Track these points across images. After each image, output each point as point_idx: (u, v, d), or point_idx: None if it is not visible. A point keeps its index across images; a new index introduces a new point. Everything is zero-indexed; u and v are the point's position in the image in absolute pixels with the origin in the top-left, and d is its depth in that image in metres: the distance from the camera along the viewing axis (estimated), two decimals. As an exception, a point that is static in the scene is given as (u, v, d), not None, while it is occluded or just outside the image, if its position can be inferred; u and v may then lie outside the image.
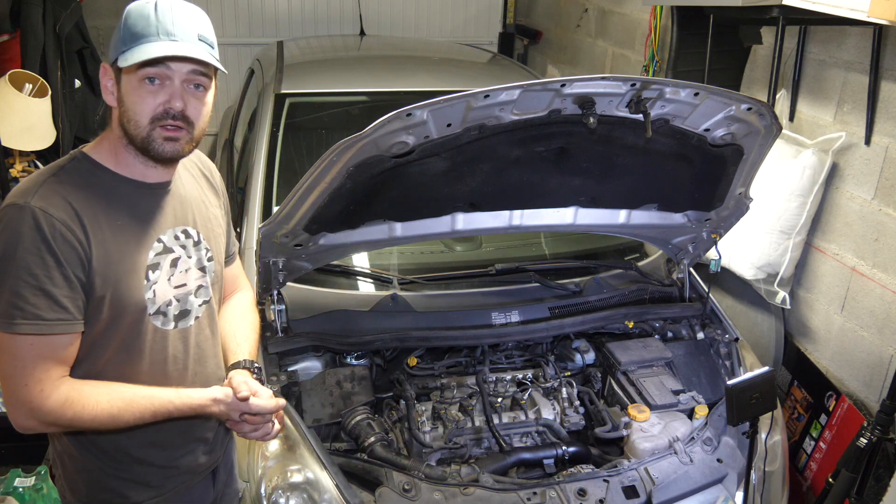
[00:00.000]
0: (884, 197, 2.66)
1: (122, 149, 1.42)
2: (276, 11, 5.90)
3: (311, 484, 1.78)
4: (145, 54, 1.32)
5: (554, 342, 2.46)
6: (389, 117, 1.65)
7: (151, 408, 1.40)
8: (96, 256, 1.35)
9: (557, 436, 2.13)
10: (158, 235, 1.47)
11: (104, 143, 1.44)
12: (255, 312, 1.81)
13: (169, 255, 1.48)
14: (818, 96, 2.97)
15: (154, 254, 1.45)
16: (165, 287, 1.47)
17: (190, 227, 1.54)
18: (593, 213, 2.34)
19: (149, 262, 1.44)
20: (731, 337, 2.42)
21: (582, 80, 1.70)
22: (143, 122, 1.37)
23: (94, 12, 5.16)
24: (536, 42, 6.24)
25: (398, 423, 2.13)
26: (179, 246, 1.51)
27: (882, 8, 2.11)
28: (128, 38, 1.35)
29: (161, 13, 1.36)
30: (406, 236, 2.18)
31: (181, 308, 1.51)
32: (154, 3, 1.37)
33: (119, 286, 1.39)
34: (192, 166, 1.63)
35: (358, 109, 3.16)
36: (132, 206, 1.44)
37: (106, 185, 1.41)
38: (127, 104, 1.37)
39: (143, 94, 1.36)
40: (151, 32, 1.34)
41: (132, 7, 1.39)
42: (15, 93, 3.59)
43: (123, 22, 1.37)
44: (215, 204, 1.67)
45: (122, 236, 1.41)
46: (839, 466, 2.31)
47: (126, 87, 1.37)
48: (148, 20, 1.35)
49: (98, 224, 1.37)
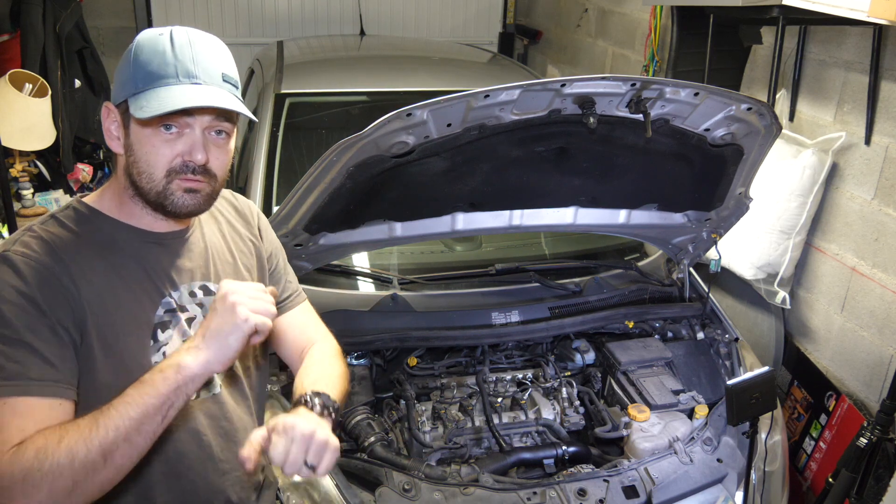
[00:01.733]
0: (884, 197, 2.66)
1: (129, 200, 1.24)
2: (276, 11, 5.91)
3: (311, 483, 1.78)
4: (166, 104, 1.13)
5: (554, 342, 2.46)
6: (389, 117, 1.65)
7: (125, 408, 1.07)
8: (90, 309, 1.16)
9: (557, 436, 2.13)
10: (169, 291, 1.27)
11: (107, 192, 1.28)
12: (342, 361, 1.47)
13: (183, 314, 1.28)
14: (818, 96, 2.97)
15: (163, 311, 1.25)
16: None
17: (212, 282, 1.32)
18: (593, 213, 2.34)
19: (157, 320, 1.24)
20: (731, 337, 2.42)
21: (582, 80, 1.70)
22: (157, 175, 1.19)
23: (94, 12, 5.17)
24: (536, 42, 6.24)
25: (398, 423, 2.13)
26: (196, 304, 1.29)
27: (882, 8, 2.11)
28: (140, 78, 1.16)
29: (179, 49, 1.17)
30: (406, 236, 2.18)
31: None
32: (169, 35, 1.18)
33: (119, 346, 1.18)
34: (222, 210, 1.43)
35: (358, 109, 3.16)
36: (138, 258, 1.25)
37: (105, 233, 1.24)
38: (138, 154, 1.19)
39: (157, 143, 1.18)
40: (169, 73, 1.16)
41: (143, 40, 1.19)
42: (15, 93, 3.59)
43: (133, 56, 1.18)
44: (250, 251, 1.44)
45: (124, 289, 1.21)
46: (839, 466, 2.31)
47: (137, 134, 1.18)
48: (164, 57, 1.16)
49: (93, 273, 1.18)
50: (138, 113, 1.14)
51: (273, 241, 1.54)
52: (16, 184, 3.65)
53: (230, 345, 1.12)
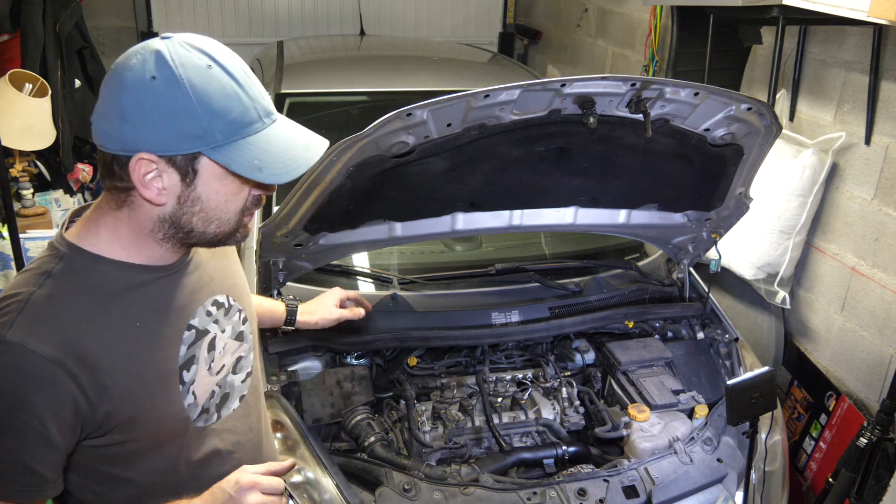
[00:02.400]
0: (884, 197, 2.66)
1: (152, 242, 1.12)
2: (276, 11, 5.91)
3: (311, 484, 1.78)
4: (294, 166, 1.06)
5: (554, 342, 2.46)
6: (389, 117, 1.65)
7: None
8: (112, 381, 1.07)
9: (557, 436, 2.13)
10: (189, 321, 1.19)
11: (101, 228, 1.11)
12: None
13: (204, 339, 1.22)
14: (818, 96, 2.97)
15: (186, 347, 1.18)
16: (206, 381, 1.22)
17: (219, 294, 1.27)
18: (593, 212, 2.34)
19: (181, 360, 1.17)
20: (731, 337, 2.42)
21: (582, 80, 1.70)
22: (233, 219, 1.12)
23: (94, 12, 5.17)
24: (536, 42, 6.24)
25: (398, 422, 2.13)
26: (213, 322, 1.25)
27: (882, 8, 2.11)
28: (220, 128, 1.01)
29: (245, 84, 1.04)
30: (406, 236, 2.18)
31: (222, 394, 1.27)
32: (220, 68, 1.02)
33: (149, 405, 1.13)
34: None
35: (358, 109, 3.16)
36: (151, 299, 1.15)
37: (112, 282, 1.11)
38: (210, 204, 1.08)
39: (234, 189, 1.08)
40: (253, 118, 1.04)
41: (194, 78, 1.00)
42: (15, 93, 3.59)
43: (197, 101, 0.99)
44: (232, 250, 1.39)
45: (144, 341, 1.13)
46: (839, 466, 2.31)
47: (211, 185, 1.06)
48: (241, 100, 1.03)
49: (108, 338, 1.08)
50: (257, 176, 1.04)
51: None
52: (16, 184, 3.65)
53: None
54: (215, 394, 1.25)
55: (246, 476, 1.14)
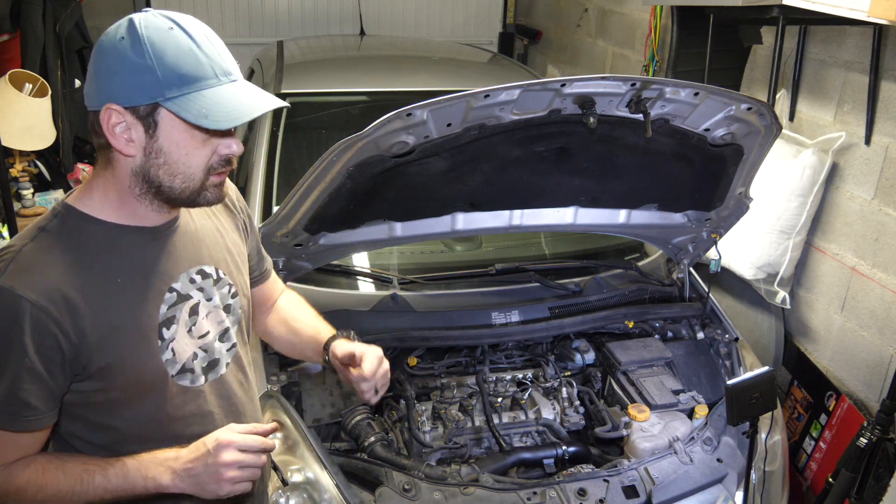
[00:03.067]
0: (884, 197, 2.66)
1: (132, 199, 1.21)
2: (276, 11, 5.91)
3: (311, 484, 1.78)
4: (239, 113, 1.12)
5: (554, 342, 2.46)
6: (389, 117, 1.65)
7: (104, 479, 1.20)
8: (91, 327, 1.17)
9: (557, 436, 2.13)
10: (170, 284, 1.27)
11: (94, 190, 1.22)
12: (305, 301, 1.71)
13: (185, 303, 1.29)
14: (818, 96, 2.97)
15: (167, 307, 1.26)
16: (186, 341, 1.28)
17: (206, 264, 1.34)
18: (593, 212, 2.34)
19: (161, 318, 1.25)
20: (731, 337, 2.42)
21: (582, 80, 1.70)
22: (197, 175, 1.18)
23: (94, 12, 5.16)
24: (536, 42, 6.24)
25: (398, 422, 2.13)
26: (197, 289, 1.31)
27: (882, 8, 2.11)
28: (173, 80, 1.10)
29: (203, 45, 1.13)
30: (406, 236, 2.18)
31: (209, 359, 1.33)
32: (181, 30, 1.12)
33: (127, 353, 1.21)
34: None
35: (358, 109, 3.16)
36: (135, 258, 1.24)
37: (99, 240, 1.20)
38: (173, 157, 1.16)
39: (197, 144, 1.16)
40: (207, 74, 1.13)
41: (153, 37, 1.11)
42: (15, 93, 3.59)
43: (153, 56, 1.10)
44: (232, 227, 1.46)
45: (125, 296, 1.21)
46: (839, 466, 2.31)
47: (171, 136, 1.14)
48: (196, 57, 1.12)
49: (91, 289, 1.17)
50: (204, 122, 1.11)
51: (245, 209, 1.53)
52: (16, 184, 3.65)
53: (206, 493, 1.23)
54: (199, 356, 1.31)
55: (226, 434, 1.23)
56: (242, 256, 1.46)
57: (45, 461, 1.22)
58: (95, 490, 1.20)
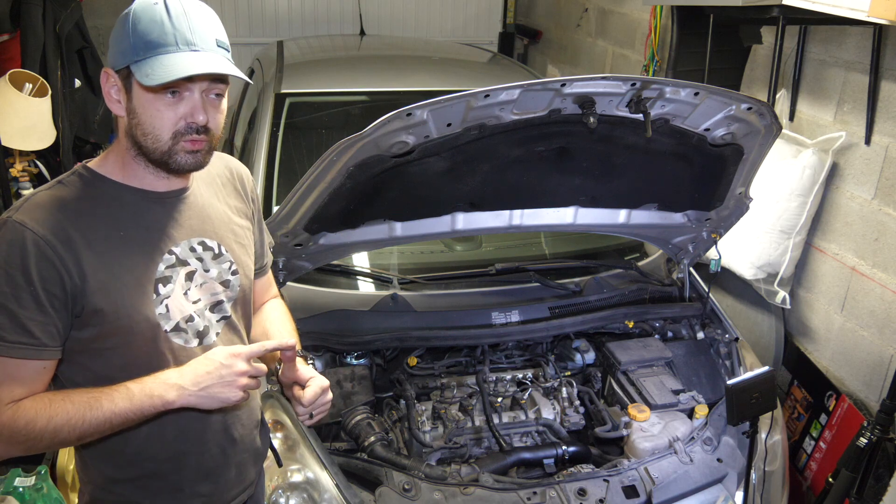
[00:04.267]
0: (884, 197, 2.66)
1: (131, 160, 1.32)
2: (276, 11, 5.91)
3: (311, 484, 1.78)
4: (172, 73, 1.20)
5: (554, 342, 2.47)
6: (389, 117, 1.65)
7: (110, 403, 1.25)
8: (92, 270, 1.25)
9: (557, 435, 2.13)
10: (170, 247, 1.35)
11: (110, 155, 1.35)
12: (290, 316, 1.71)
13: (183, 267, 1.36)
14: (818, 96, 2.97)
15: (165, 266, 1.34)
16: (181, 302, 1.35)
17: (209, 238, 1.41)
18: (593, 212, 2.34)
19: (158, 274, 1.33)
20: (731, 337, 2.42)
21: (582, 80, 1.70)
22: (163, 136, 1.27)
23: (94, 12, 5.16)
24: (536, 42, 6.24)
25: (398, 422, 2.13)
26: (196, 258, 1.38)
27: (882, 8, 2.11)
28: (141, 46, 1.22)
29: (175, 17, 1.24)
30: (406, 236, 2.18)
31: (202, 324, 1.39)
32: (163, 4, 1.24)
33: (123, 300, 1.28)
34: (218, 174, 1.51)
35: (358, 109, 3.16)
36: (140, 217, 1.33)
37: (108, 196, 1.32)
38: (142, 118, 1.26)
39: (161, 107, 1.25)
40: (169, 42, 1.22)
41: (139, 9, 1.24)
42: (15, 92, 3.59)
43: (131, 25, 1.23)
44: (242, 213, 1.53)
45: (126, 248, 1.30)
46: (839, 466, 2.31)
47: (140, 98, 1.25)
48: (162, 26, 1.22)
49: (95, 236, 1.27)
50: (145, 80, 1.21)
51: (257, 201, 1.60)
52: (16, 184, 3.65)
53: (214, 403, 1.30)
54: (195, 320, 1.38)
55: (233, 348, 1.33)
56: (248, 240, 1.53)
57: (51, 395, 1.27)
58: (104, 413, 1.24)
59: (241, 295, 1.47)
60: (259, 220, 1.60)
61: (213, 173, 1.49)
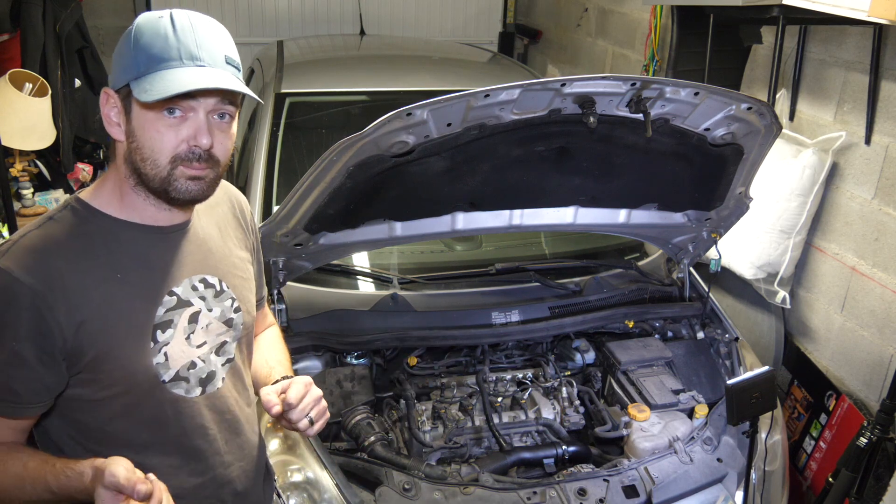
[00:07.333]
0: (884, 196, 2.66)
1: (130, 190, 1.21)
2: (276, 11, 5.91)
3: (311, 483, 1.78)
4: (171, 87, 1.09)
5: (554, 342, 2.47)
6: (389, 117, 1.65)
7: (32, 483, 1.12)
8: (86, 319, 1.15)
9: (557, 435, 2.13)
10: (171, 287, 1.25)
11: (106, 184, 1.23)
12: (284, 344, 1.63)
13: (185, 309, 1.26)
14: (818, 96, 2.97)
15: (164, 310, 1.23)
16: (182, 348, 1.25)
17: (210, 275, 1.31)
18: (593, 212, 2.34)
19: (157, 320, 1.22)
20: (731, 336, 2.42)
21: (582, 80, 1.70)
22: (162, 161, 1.15)
23: (94, 12, 5.16)
24: (536, 42, 6.24)
25: (398, 422, 2.13)
26: (198, 297, 1.28)
27: (882, 7, 2.11)
28: (142, 61, 1.12)
29: (181, 31, 1.14)
30: (406, 236, 2.18)
31: (207, 370, 1.30)
32: (169, 17, 1.15)
33: (116, 350, 1.18)
34: (219, 202, 1.40)
35: (358, 109, 3.16)
36: (139, 257, 1.22)
37: (105, 234, 1.20)
38: (141, 140, 1.15)
39: (161, 128, 1.14)
40: (172, 56, 1.12)
41: (143, 23, 1.15)
42: (15, 92, 3.59)
43: (133, 40, 1.14)
44: (242, 245, 1.44)
45: (124, 292, 1.20)
46: (839, 466, 2.31)
47: (140, 119, 1.15)
48: (167, 40, 1.13)
49: (90, 280, 1.16)
50: (142, 96, 1.11)
51: (256, 232, 1.52)
52: (16, 183, 3.65)
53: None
54: (197, 366, 1.28)
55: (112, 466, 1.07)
56: (249, 274, 1.43)
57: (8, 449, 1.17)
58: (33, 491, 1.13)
59: (245, 334, 1.39)
60: (258, 250, 1.52)
61: (213, 202, 1.35)
